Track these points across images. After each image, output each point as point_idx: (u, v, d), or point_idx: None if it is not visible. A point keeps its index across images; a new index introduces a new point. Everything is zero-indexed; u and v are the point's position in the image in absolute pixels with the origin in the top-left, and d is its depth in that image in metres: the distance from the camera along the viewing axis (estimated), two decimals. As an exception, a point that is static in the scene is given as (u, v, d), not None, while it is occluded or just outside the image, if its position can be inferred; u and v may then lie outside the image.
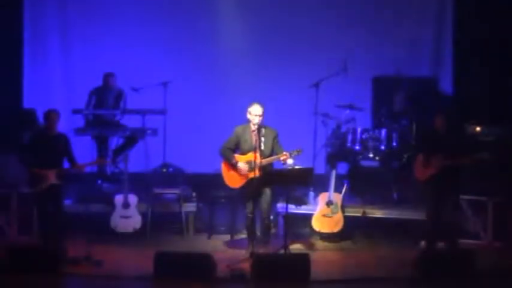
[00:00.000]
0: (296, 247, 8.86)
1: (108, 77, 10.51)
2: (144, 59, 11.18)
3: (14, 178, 9.35)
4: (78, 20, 11.35)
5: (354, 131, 10.10)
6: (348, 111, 10.21)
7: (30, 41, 11.33)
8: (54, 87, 11.39)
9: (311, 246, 9.06)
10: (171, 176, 10.28)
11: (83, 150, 9.71)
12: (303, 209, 9.60)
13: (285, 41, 11.26)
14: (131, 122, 10.44)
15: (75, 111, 10.27)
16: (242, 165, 8.44)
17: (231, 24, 11.30)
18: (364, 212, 9.52)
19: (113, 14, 11.34)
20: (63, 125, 8.82)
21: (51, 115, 8.46)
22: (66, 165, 8.52)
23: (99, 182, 10.30)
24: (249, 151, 8.45)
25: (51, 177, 8.32)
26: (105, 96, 10.49)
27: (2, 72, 10.78)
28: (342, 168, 10.31)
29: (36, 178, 8.33)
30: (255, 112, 8.45)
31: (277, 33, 11.25)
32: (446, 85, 11.32)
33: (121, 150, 10.36)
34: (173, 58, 11.22)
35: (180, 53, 11.27)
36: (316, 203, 9.45)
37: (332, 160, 10.03)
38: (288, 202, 8.43)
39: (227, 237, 9.38)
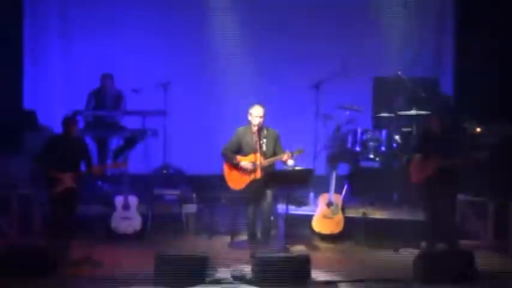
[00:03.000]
0: (296, 248, 8.86)
1: (105, 78, 10.50)
2: (144, 59, 11.17)
3: (14, 179, 9.34)
4: (78, 20, 11.36)
5: (354, 132, 10.10)
6: (348, 112, 10.20)
7: (30, 41, 11.33)
8: (54, 87, 11.38)
9: (311, 248, 9.06)
10: (171, 177, 10.29)
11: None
12: (303, 210, 9.60)
13: (285, 42, 11.26)
14: (131, 123, 10.44)
15: (76, 113, 10.26)
16: (245, 163, 8.42)
17: (232, 26, 11.28)
18: (364, 213, 9.52)
19: (113, 14, 11.33)
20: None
21: (72, 120, 8.45)
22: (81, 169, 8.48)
23: (99, 183, 10.29)
24: (250, 152, 8.44)
25: (68, 181, 8.26)
26: (105, 97, 10.48)
27: (2, 72, 10.76)
28: (342, 169, 10.30)
29: (52, 181, 8.27)
30: (255, 113, 8.46)
31: (277, 34, 11.24)
32: (446, 85, 11.32)
33: (121, 151, 10.37)
34: (173, 59, 11.21)
35: (180, 54, 11.26)
36: (316, 204, 9.45)
37: (332, 161, 10.04)
38: (288, 203, 8.43)
39: (228, 238, 9.36)
